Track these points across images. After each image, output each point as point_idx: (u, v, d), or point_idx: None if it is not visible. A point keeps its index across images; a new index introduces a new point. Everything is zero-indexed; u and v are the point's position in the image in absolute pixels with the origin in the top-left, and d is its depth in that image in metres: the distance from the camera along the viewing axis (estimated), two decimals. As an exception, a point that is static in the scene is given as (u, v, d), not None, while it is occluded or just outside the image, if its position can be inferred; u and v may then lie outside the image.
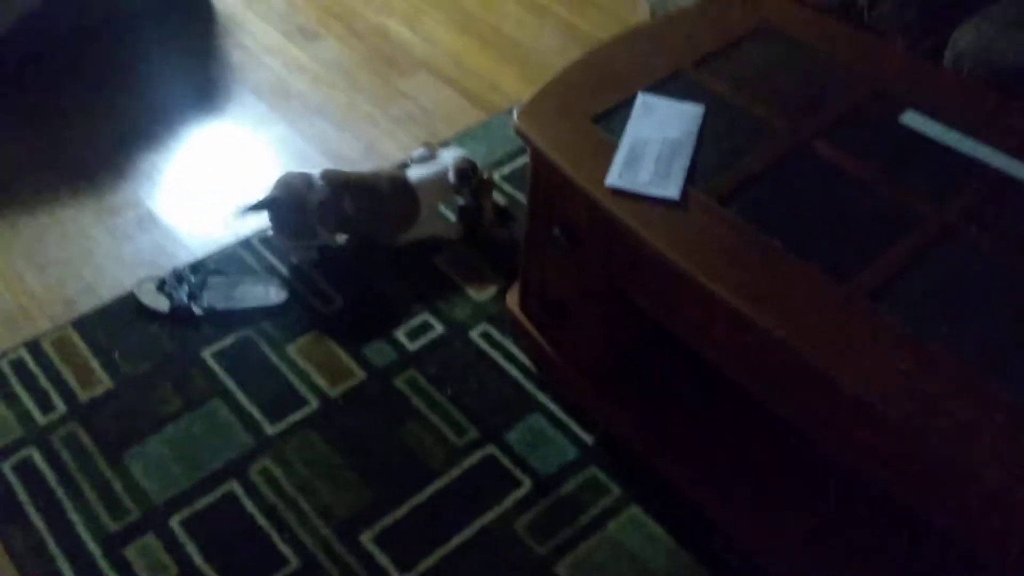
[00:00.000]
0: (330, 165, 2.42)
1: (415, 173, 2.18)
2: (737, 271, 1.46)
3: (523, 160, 2.48)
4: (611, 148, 1.64)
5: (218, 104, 2.63)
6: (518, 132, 1.69)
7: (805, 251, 1.48)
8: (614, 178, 1.58)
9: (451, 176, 2.15)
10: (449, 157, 2.21)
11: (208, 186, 2.38)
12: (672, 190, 1.56)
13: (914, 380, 1.31)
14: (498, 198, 2.35)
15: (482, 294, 2.15)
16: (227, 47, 2.83)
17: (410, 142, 2.53)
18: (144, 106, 2.60)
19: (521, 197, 2.38)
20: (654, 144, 1.64)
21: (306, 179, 2.08)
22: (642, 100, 1.74)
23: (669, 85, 1.78)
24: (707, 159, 1.63)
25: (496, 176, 2.42)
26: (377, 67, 2.80)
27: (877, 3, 2.26)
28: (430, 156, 2.22)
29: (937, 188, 1.61)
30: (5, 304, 2.07)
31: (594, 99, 1.74)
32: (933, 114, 1.75)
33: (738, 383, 1.56)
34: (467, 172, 2.17)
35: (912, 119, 1.75)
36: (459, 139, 2.54)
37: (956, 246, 1.50)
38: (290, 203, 2.07)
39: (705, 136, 1.67)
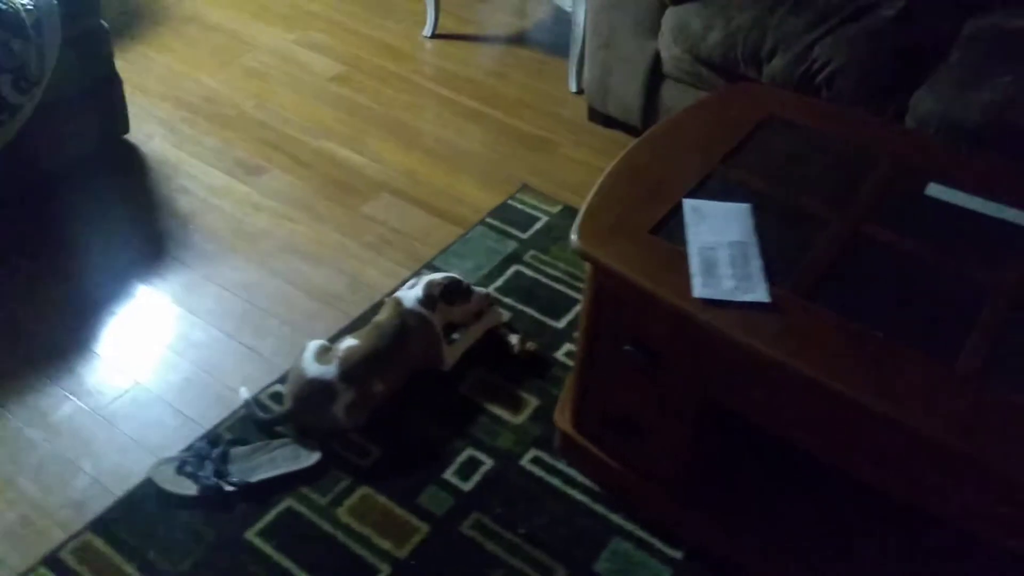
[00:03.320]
0: (318, 306, 2.31)
1: (410, 295, 2.10)
2: (847, 364, 1.46)
3: (513, 270, 2.43)
4: (678, 258, 1.62)
5: (177, 256, 2.45)
6: (582, 254, 1.65)
7: (903, 336, 1.50)
8: (700, 289, 1.55)
9: (420, 295, 2.09)
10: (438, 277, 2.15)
11: (194, 350, 2.20)
12: (761, 293, 1.55)
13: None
14: (501, 312, 2.28)
15: (519, 416, 2.07)
16: (169, 193, 2.66)
17: (393, 267, 2.44)
18: (96, 269, 2.40)
19: (523, 308, 2.32)
20: (722, 249, 1.64)
21: (323, 387, 1.94)
22: (690, 206, 1.74)
23: (708, 186, 1.79)
24: (775, 257, 1.63)
25: (492, 290, 2.35)
26: (334, 194, 2.70)
27: (835, 79, 2.37)
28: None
29: (988, 255, 1.67)
30: (5, 520, 1.82)
31: (641, 210, 1.72)
32: (952, 183, 1.83)
33: (848, 477, 1.55)
34: (432, 295, 2.10)
35: (937, 191, 1.82)
36: (444, 258, 2.47)
37: (1033, 310, 1.56)
38: (312, 419, 1.97)
39: (762, 234, 1.68)
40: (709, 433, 1.78)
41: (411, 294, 2.10)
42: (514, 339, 2.20)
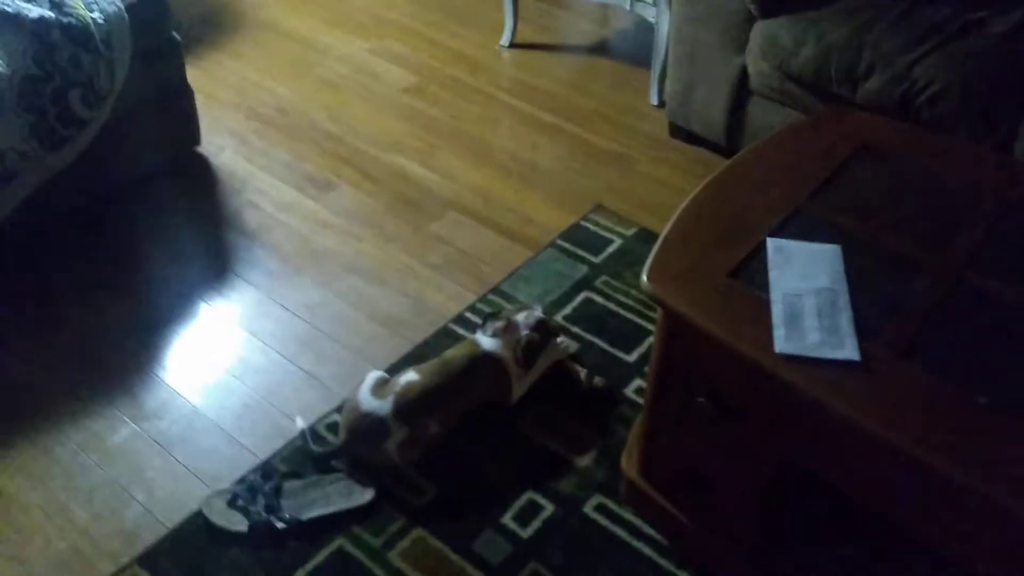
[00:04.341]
0: (380, 330, 2.24)
1: (490, 342, 2.00)
2: (945, 434, 1.31)
3: (583, 296, 2.32)
4: (760, 306, 1.49)
5: (242, 274, 2.41)
6: (653, 298, 1.53)
7: (1010, 404, 1.34)
8: (782, 343, 1.42)
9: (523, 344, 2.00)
10: (521, 317, 2.04)
11: (253, 375, 2.15)
12: (850, 350, 1.41)
13: None
14: (568, 343, 2.17)
15: (584, 458, 1.96)
16: (237, 208, 2.62)
17: (459, 291, 2.35)
18: (161, 286, 2.37)
19: (593, 338, 2.21)
20: (808, 297, 1.50)
21: (376, 422, 1.86)
22: (773, 246, 1.60)
23: (793, 224, 1.65)
24: (866, 306, 1.49)
25: (559, 318, 2.25)
26: (402, 212, 2.62)
27: (938, 100, 2.19)
28: (505, 325, 2.03)
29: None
30: (56, 549, 1.79)
31: (721, 250, 1.60)
32: (1070, 225, 1.65)
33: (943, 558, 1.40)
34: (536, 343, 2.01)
35: (1052, 234, 1.65)
36: (511, 282, 2.37)
37: None
38: (364, 453, 1.90)
39: (853, 279, 1.54)
40: (789, 495, 1.64)
41: (490, 340, 2.00)
42: (582, 373, 2.09)
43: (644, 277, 1.54)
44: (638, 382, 2.11)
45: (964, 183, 1.76)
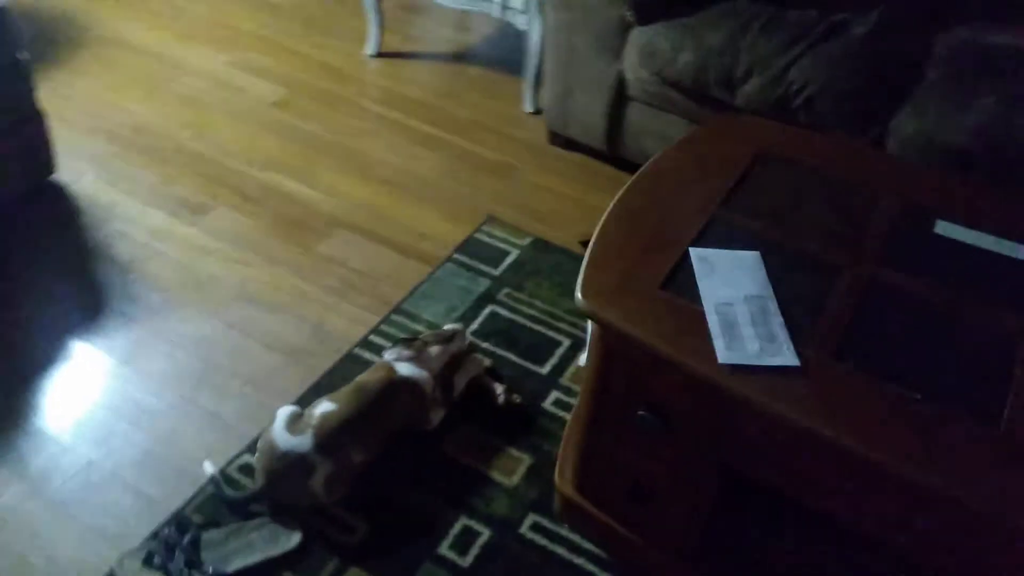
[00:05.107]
0: (281, 360, 2.14)
1: (406, 366, 1.95)
2: (892, 432, 1.37)
3: (489, 311, 2.30)
4: (695, 317, 1.51)
5: (121, 310, 2.25)
6: (589, 315, 1.53)
7: (941, 398, 1.42)
8: (725, 354, 1.45)
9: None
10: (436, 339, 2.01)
11: (149, 418, 2.01)
12: (789, 357, 1.45)
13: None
14: (482, 358, 2.15)
15: (513, 477, 1.94)
16: (106, 239, 2.44)
17: (360, 313, 2.28)
18: (33, 330, 2.18)
19: (504, 353, 2.19)
20: (739, 305, 1.53)
21: (297, 460, 1.77)
22: (696, 256, 1.63)
23: (711, 233, 1.69)
24: (792, 310, 1.54)
25: (468, 334, 2.22)
26: (288, 233, 2.52)
27: (815, 101, 2.30)
28: (420, 347, 2.00)
29: (1009, 298, 1.61)
30: (-50, 635, 1.62)
31: (647, 262, 1.61)
32: (959, 220, 1.76)
33: (881, 552, 1.47)
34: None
35: (946, 228, 1.75)
36: (413, 300, 2.32)
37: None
38: (288, 496, 1.81)
39: (775, 284, 1.59)
40: (728, 502, 1.68)
41: (406, 365, 1.95)
42: (499, 389, 2.07)
43: (579, 295, 1.53)
44: (556, 394, 2.11)
45: (859, 181, 1.85)
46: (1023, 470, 1.33)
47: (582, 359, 2.18)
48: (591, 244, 1.64)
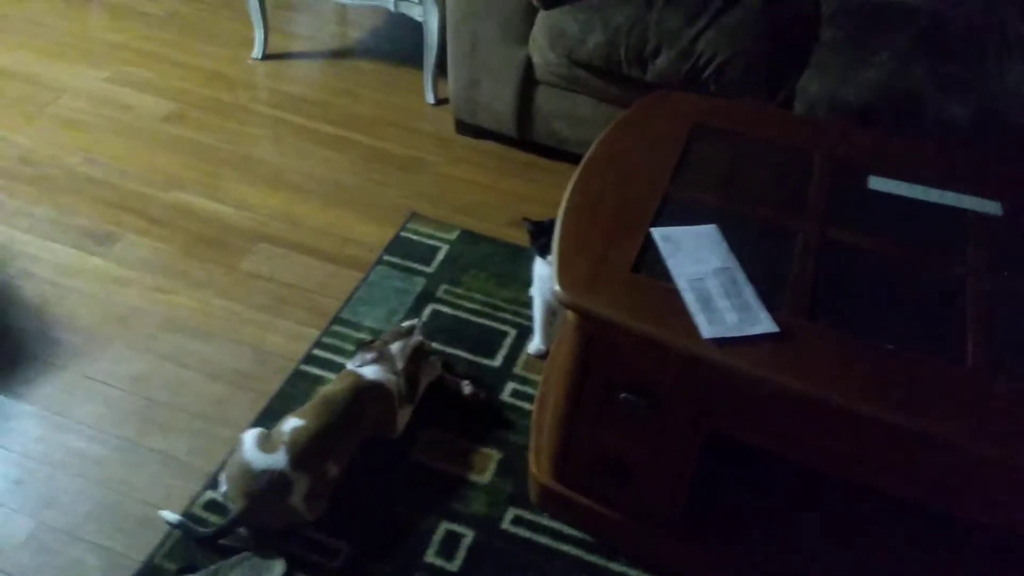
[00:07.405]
0: (226, 389, 2.05)
1: (372, 370, 1.90)
2: (877, 385, 1.42)
3: (431, 309, 2.27)
4: (670, 296, 1.53)
5: (42, 356, 2.10)
6: (570, 306, 1.53)
7: (912, 345, 1.48)
8: (708, 329, 1.47)
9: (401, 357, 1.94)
10: (396, 346, 1.97)
11: (97, 469, 1.89)
12: (768, 324, 1.49)
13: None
14: (436, 357, 2.12)
15: (485, 474, 1.92)
16: (8, 282, 2.27)
17: (298, 328, 2.21)
18: (-56, 388, 2.01)
19: (453, 350, 2.17)
20: (710, 279, 1.56)
21: (274, 478, 1.70)
22: (660, 236, 1.65)
23: (667, 211, 1.72)
24: (759, 277, 1.58)
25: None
26: (205, 253, 2.41)
27: (724, 71, 2.36)
28: (380, 352, 1.95)
29: (948, 243, 1.70)
30: None
31: (614, 248, 1.62)
32: (888, 173, 1.85)
33: (859, 501, 1.53)
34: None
35: (879, 183, 1.83)
36: (351, 308, 2.26)
37: (1009, 298, 1.59)
38: (268, 516, 1.74)
39: (737, 254, 1.62)
40: (709, 472, 1.71)
41: (372, 368, 1.91)
42: (462, 384, 2.05)
43: (556, 288, 1.53)
44: (512, 385, 2.10)
45: (790, 145, 1.91)
46: (996, 403, 1.41)
47: (531, 347, 2.18)
48: (556, 239, 1.64)
